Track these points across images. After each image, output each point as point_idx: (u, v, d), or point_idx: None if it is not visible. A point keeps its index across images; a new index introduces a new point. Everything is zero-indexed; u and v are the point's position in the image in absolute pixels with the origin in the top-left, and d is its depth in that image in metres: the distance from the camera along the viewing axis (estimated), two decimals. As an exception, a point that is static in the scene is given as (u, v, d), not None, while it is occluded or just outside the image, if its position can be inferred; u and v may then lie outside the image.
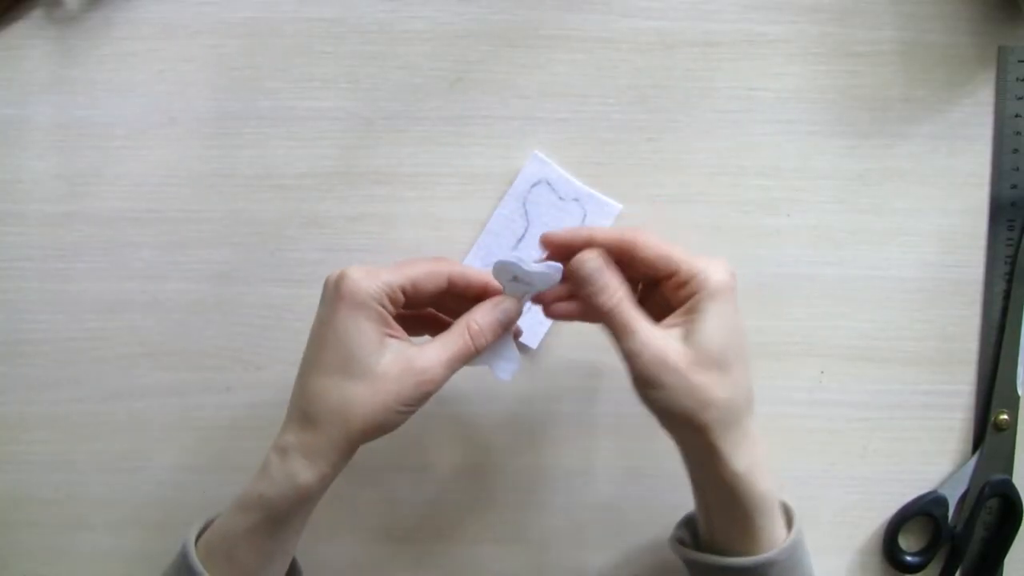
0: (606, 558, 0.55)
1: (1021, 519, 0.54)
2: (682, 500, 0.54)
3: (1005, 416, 0.53)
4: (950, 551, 0.55)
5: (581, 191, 0.53)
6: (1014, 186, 0.54)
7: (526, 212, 0.53)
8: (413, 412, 0.42)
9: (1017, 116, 0.53)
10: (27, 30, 0.54)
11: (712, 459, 0.42)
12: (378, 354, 0.41)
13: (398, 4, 0.53)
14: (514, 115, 0.53)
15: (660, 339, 0.41)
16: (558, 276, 0.44)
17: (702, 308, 0.42)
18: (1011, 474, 0.54)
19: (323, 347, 0.42)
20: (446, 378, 0.42)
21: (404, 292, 0.42)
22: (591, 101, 0.54)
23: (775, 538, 0.43)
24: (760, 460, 0.43)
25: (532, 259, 0.44)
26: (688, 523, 0.49)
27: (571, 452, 0.55)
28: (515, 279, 0.44)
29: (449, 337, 0.42)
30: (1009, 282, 0.54)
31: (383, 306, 0.42)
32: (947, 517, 0.54)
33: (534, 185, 0.53)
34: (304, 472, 0.41)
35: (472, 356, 0.43)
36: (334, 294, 0.42)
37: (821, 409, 0.54)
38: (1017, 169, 0.54)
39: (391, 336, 0.42)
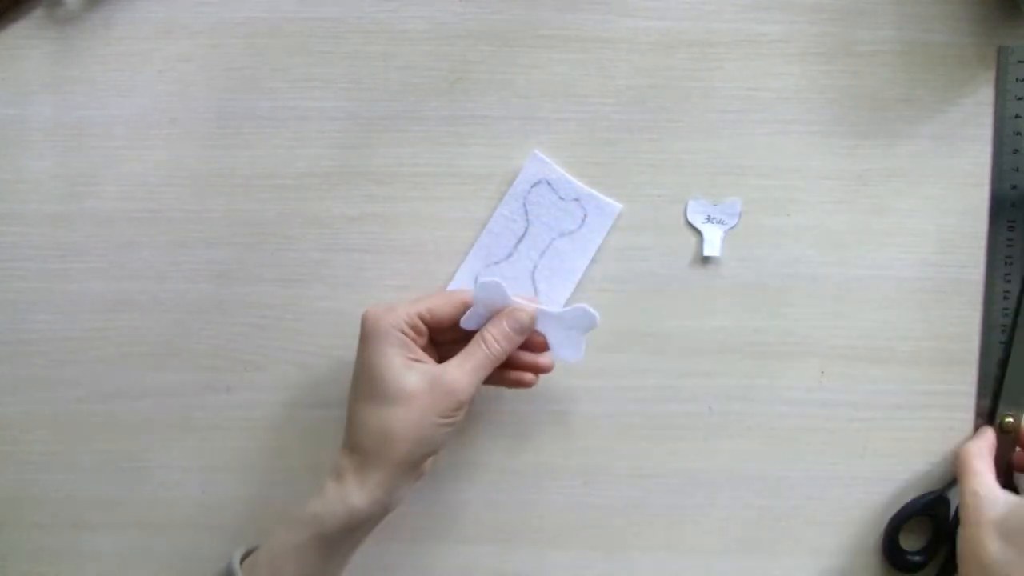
0: (606, 559, 0.55)
1: None
2: (681, 500, 0.55)
3: (1011, 419, 0.53)
4: (951, 551, 0.55)
5: (581, 191, 0.53)
6: (1014, 186, 0.54)
7: (526, 212, 0.53)
8: (451, 424, 0.45)
9: (1017, 116, 0.53)
10: (27, 30, 0.54)
11: None
12: (406, 377, 0.44)
13: (398, 4, 0.53)
14: (514, 115, 0.53)
15: None
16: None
17: None
18: (1011, 476, 0.54)
19: (359, 380, 0.45)
20: (473, 386, 0.45)
21: (423, 320, 0.46)
22: (591, 101, 0.54)
23: None
24: None
25: (529, 260, 0.48)
26: None
27: (571, 452, 0.55)
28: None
29: (468, 350, 0.46)
30: (1008, 281, 0.54)
31: (404, 334, 0.45)
32: (948, 517, 0.54)
33: (534, 185, 0.53)
34: (356, 494, 0.43)
35: (493, 364, 0.46)
36: (361, 333, 0.46)
37: (821, 409, 0.54)
38: (1017, 169, 0.54)
39: (416, 361, 0.45)
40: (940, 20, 0.53)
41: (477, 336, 0.47)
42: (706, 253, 0.53)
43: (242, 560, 0.45)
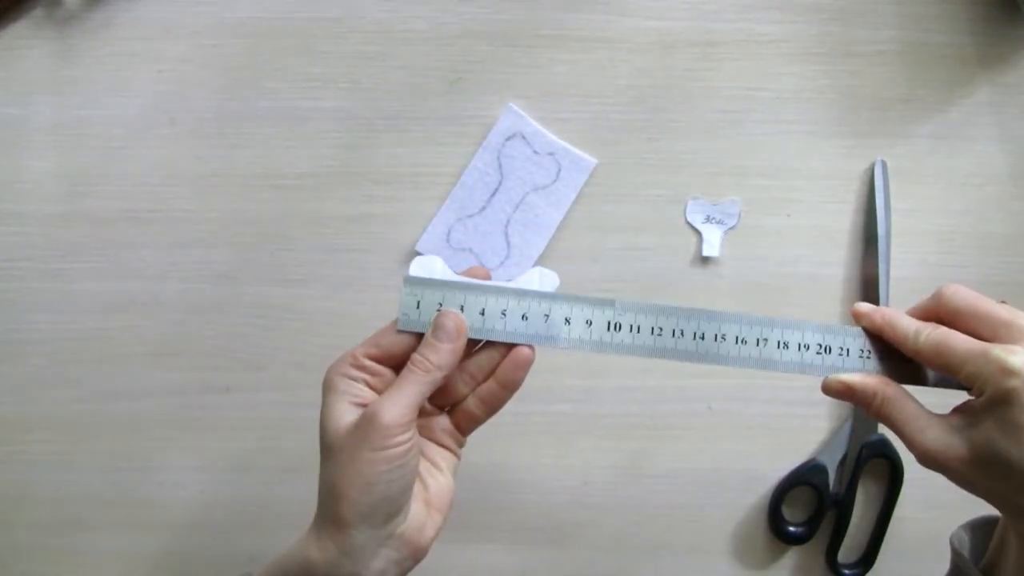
0: (606, 558, 0.55)
1: (903, 478, 0.53)
2: (682, 500, 0.55)
3: None
4: (837, 518, 0.54)
5: (556, 145, 0.53)
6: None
7: (500, 165, 0.53)
8: (389, 459, 0.40)
9: None
10: (27, 30, 0.54)
11: None
12: (342, 424, 0.40)
13: (398, 4, 0.53)
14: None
15: None
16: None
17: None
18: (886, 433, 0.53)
19: (320, 438, 0.42)
20: (398, 408, 0.39)
21: (371, 357, 0.41)
22: (591, 101, 0.54)
23: None
24: None
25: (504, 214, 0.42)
26: (982, 528, 0.43)
27: (571, 452, 0.55)
28: None
29: (400, 377, 0.41)
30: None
31: (349, 376, 0.41)
32: (828, 484, 0.53)
33: (509, 138, 0.53)
34: (313, 548, 0.41)
35: (426, 381, 0.40)
36: None
37: (822, 409, 0.54)
38: None
39: (359, 404, 0.41)
40: (940, 20, 0.53)
41: (410, 360, 0.41)
42: (706, 253, 0.53)
43: None
